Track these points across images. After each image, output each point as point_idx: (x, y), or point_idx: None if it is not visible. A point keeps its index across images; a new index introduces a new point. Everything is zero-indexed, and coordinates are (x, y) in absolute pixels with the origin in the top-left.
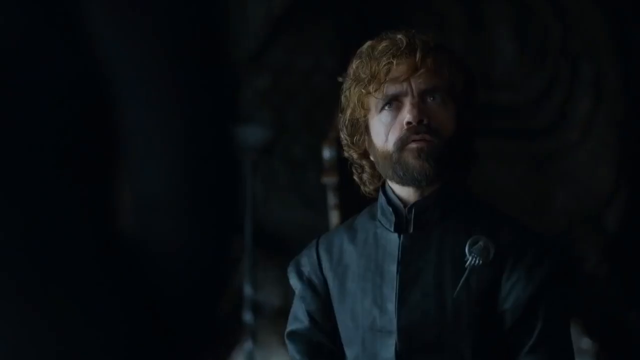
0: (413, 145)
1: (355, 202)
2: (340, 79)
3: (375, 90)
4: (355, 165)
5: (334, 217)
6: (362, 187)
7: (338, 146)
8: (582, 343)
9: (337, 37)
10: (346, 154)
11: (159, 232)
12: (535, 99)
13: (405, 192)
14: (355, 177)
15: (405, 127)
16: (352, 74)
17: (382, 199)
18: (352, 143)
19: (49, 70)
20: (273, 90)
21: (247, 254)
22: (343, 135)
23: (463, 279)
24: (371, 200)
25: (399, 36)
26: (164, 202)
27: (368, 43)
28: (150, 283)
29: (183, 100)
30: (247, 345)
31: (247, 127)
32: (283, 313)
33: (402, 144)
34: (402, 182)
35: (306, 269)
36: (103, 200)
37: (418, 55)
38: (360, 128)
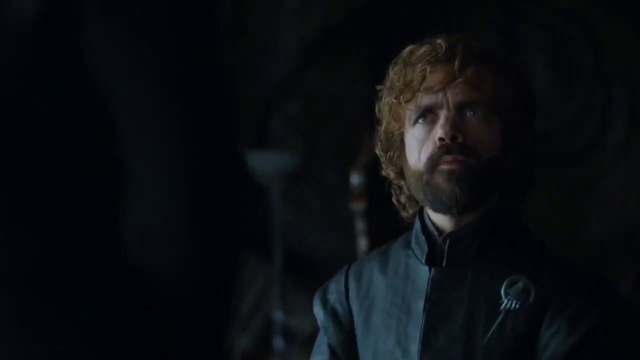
0: (444, 167)
1: (384, 229)
2: (378, 87)
3: (407, 101)
4: (394, 186)
5: (362, 243)
6: (400, 211)
7: (367, 172)
8: None
9: (369, 63)
10: (384, 172)
11: (160, 258)
12: (569, 124)
13: (441, 220)
14: (394, 200)
15: (438, 143)
16: (388, 82)
17: (417, 225)
18: (388, 160)
19: (48, 81)
20: (304, 116)
21: (277, 279)
22: (378, 151)
23: (496, 324)
24: (403, 226)
25: (439, 41)
26: (166, 226)
27: (408, 48)
28: (152, 297)
29: (183, 118)
30: None
31: (277, 153)
32: (314, 339)
33: (432, 164)
34: (433, 207)
35: (332, 296)
36: (104, 201)
37: (457, 62)
38: (395, 143)
